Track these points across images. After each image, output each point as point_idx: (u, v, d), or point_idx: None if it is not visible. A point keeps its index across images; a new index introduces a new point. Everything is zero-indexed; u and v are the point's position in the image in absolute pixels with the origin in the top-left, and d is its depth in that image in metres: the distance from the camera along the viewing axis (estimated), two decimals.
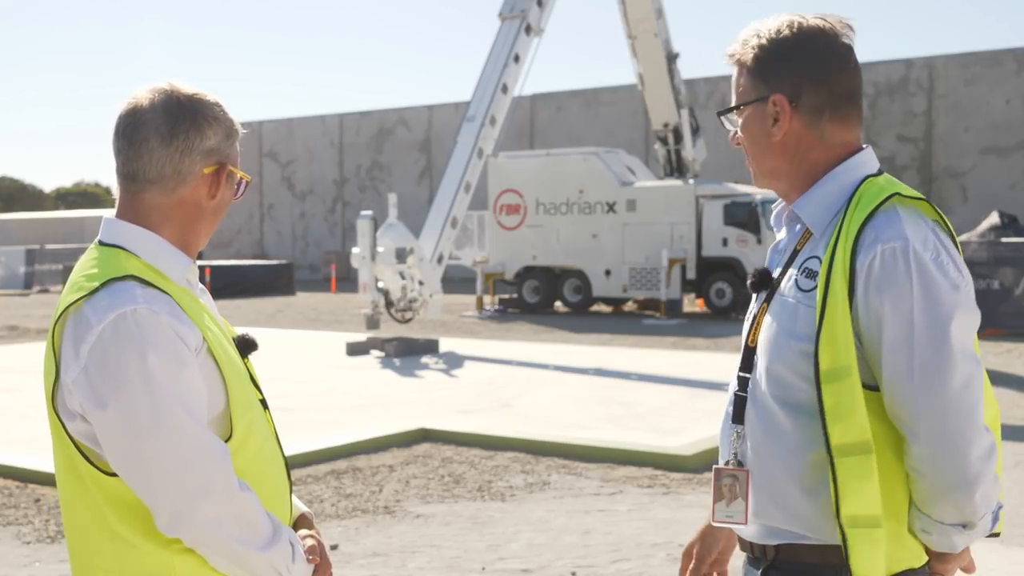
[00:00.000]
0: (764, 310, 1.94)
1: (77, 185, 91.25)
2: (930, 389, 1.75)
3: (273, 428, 1.96)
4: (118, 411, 1.68)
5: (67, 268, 34.55)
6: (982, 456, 1.77)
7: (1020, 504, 6.28)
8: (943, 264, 1.78)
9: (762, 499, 1.90)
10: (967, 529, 1.82)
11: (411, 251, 16.07)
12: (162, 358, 1.69)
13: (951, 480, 1.77)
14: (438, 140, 40.38)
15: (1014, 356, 14.22)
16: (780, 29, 1.90)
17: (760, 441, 1.90)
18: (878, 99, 32.89)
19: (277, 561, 1.77)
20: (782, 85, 1.89)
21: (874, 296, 1.77)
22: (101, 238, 1.85)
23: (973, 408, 1.77)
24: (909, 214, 1.81)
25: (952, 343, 1.75)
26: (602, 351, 15.24)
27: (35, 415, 9.84)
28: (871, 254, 1.77)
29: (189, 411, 1.71)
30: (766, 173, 1.97)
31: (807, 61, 1.88)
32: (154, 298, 1.74)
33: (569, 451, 8.05)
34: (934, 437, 1.76)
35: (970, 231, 18.77)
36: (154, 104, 1.82)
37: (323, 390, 11.59)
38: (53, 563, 5.50)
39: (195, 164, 1.83)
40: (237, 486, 1.73)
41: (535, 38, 18.58)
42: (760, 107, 1.91)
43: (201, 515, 1.69)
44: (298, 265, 40.98)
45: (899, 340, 1.76)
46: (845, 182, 1.89)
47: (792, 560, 1.87)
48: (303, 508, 2.04)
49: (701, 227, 21.98)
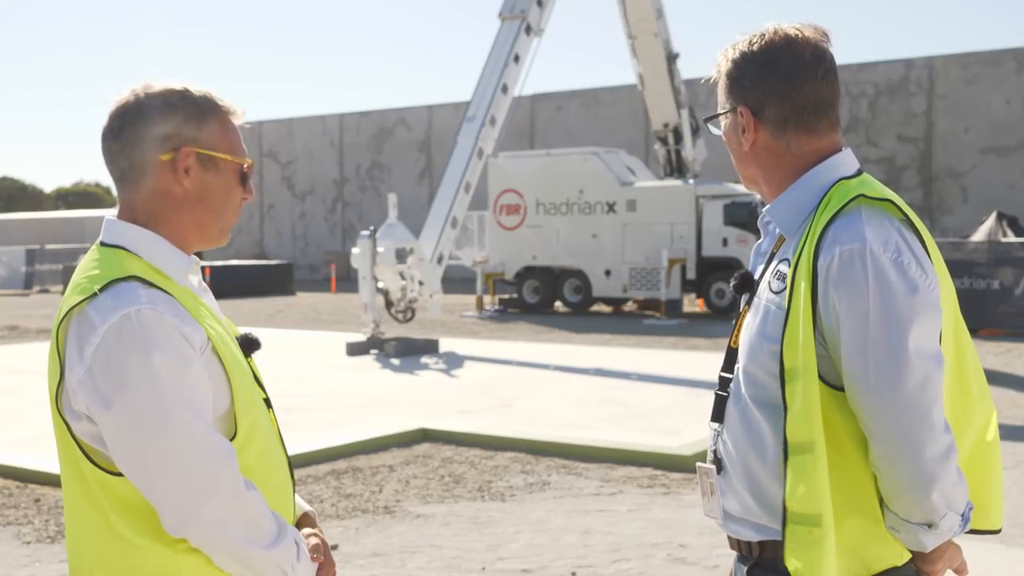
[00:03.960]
0: (745, 312, 1.99)
1: (77, 185, 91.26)
2: (884, 390, 1.77)
3: (277, 427, 1.96)
4: (123, 411, 1.68)
5: (67, 268, 34.56)
6: (937, 456, 1.78)
7: (1020, 504, 6.28)
8: (903, 264, 1.79)
9: (744, 496, 1.94)
10: (932, 529, 1.83)
11: (411, 251, 16.08)
12: (167, 358, 1.69)
13: (908, 480, 1.78)
14: (438, 140, 40.37)
15: (1014, 356, 14.21)
16: (752, 42, 1.95)
17: (740, 439, 1.94)
18: (878, 99, 32.88)
19: (282, 560, 1.77)
20: (747, 97, 1.95)
21: (832, 297, 1.80)
22: (102, 239, 1.85)
23: (928, 409, 1.77)
24: (873, 215, 1.83)
25: (907, 344, 1.77)
26: (602, 351, 15.24)
27: (35, 415, 9.84)
28: (830, 256, 1.80)
29: (194, 411, 1.71)
30: (746, 179, 2.06)
31: (770, 75, 1.93)
32: (157, 298, 1.74)
33: (569, 451, 8.05)
34: (889, 437, 1.78)
35: (970, 231, 18.76)
36: (115, 105, 1.85)
37: (323, 390, 11.58)
38: (53, 563, 5.50)
39: (148, 152, 1.82)
40: (243, 486, 1.73)
41: (535, 38, 18.58)
42: (732, 117, 1.99)
43: (207, 515, 1.69)
44: (298, 265, 40.98)
45: (855, 341, 1.79)
46: (815, 186, 1.93)
47: (776, 557, 1.89)
48: (306, 507, 2.05)
49: (701, 227, 21.98)
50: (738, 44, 1.97)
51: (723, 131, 2.03)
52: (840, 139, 1.98)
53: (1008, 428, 8.74)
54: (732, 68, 1.97)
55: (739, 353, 1.97)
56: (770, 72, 1.93)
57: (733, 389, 1.97)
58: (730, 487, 1.96)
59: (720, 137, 2.06)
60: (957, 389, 1.92)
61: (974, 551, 2.06)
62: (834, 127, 1.96)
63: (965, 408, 1.92)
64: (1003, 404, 10.01)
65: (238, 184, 1.90)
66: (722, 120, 2.02)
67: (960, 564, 1.97)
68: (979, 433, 1.95)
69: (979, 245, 17.16)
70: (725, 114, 2.00)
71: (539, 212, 23.49)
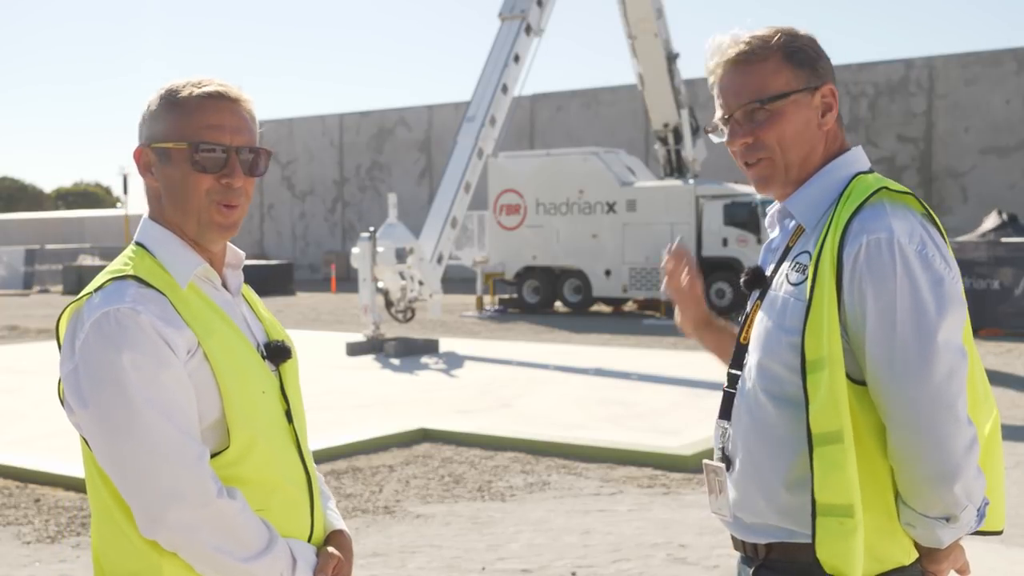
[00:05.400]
0: (757, 307, 1.96)
1: (77, 185, 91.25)
2: (911, 379, 1.76)
3: (296, 440, 1.88)
4: (96, 410, 1.69)
5: (67, 268, 34.56)
6: (961, 448, 1.77)
7: (1020, 504, 6.27)
8: (928, 257, 1.79)
9: (751, 494, 1.91)
10: (950, 523, 1.82)
11: (411, 251, 16.08)
12: (138, 358, 1.68)
13: (931, 471, 1.77)
14: (438, 140, 40.35)
15: (1014, 356, 14.21)
16: (794, 30, 1.96)
17: (749, 436, 1.92)
18: (878, 99, 32.88)
19: (263, 574, 1.72)
20: (828, 77, 1.95)
21: (858, 286, 1.79)
22: (135, 235, 1.89)
23: (954, 400, 1.77)
24: (897, 208, 1.83)
25: (936, 335, 1.76)
26: (602, 351, 15.24)
27: (35, 415, 9.85)
28: (857, 245, 1.79)
29: (164, 413, 1.68)
30: (794, 163, 1.94)
31: (827, 61, 1.96)
32: (144, 298, 1.73)
33: (569, 451, 8.04)
34: (914, 428, 1.77)
35: (970, 231, 18.76)
36: None
37: (323, 390, 11.58)
38: (53, 563, 5.50)
39: (139, 159, 1.87)
40: (213, 492, 1.68)
41: (535, 38, 18.58)
42: (806, 97, 1.93)
43: (173, 519, 1.67)
44: (298, 265, 40.96)
45: (882, 330, 1.78)
46: (835, 179, 1.93)
47: (783, 559, 1.88)
48: (339, 525, 1.97)
49: (701, 227, 21.97)
50: (782, 29, 1.94)
51: (769, 116, 1.90)
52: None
53: (1008, 428, 8.73)
54: (799, 48, 1.93)
55: (750, 348, 1.94)
56: (826, 59, 1.96)
57: (742, 386, 1.94)
58: (738, 485, 1.94)
59: (721, 143, 2.00)
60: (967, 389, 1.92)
61: (974, 551, 2.06)
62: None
63: (972, 408, 1.92)
64: (1003, 404, 10.01)
65: (192, 170, 1.79)
66: (783, 101, 1.90)
67: (963, 564, 1.97)
68: (984, 434, 1.95)
69: (979, 245, 17.16)
70: (800, 92, 1.91)
71: (539, 212, 23.49)
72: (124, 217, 46.72)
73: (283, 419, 1.86)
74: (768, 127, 1.92)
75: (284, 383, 1.90)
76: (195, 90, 1.81)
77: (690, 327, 2.31)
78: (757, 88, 1.92)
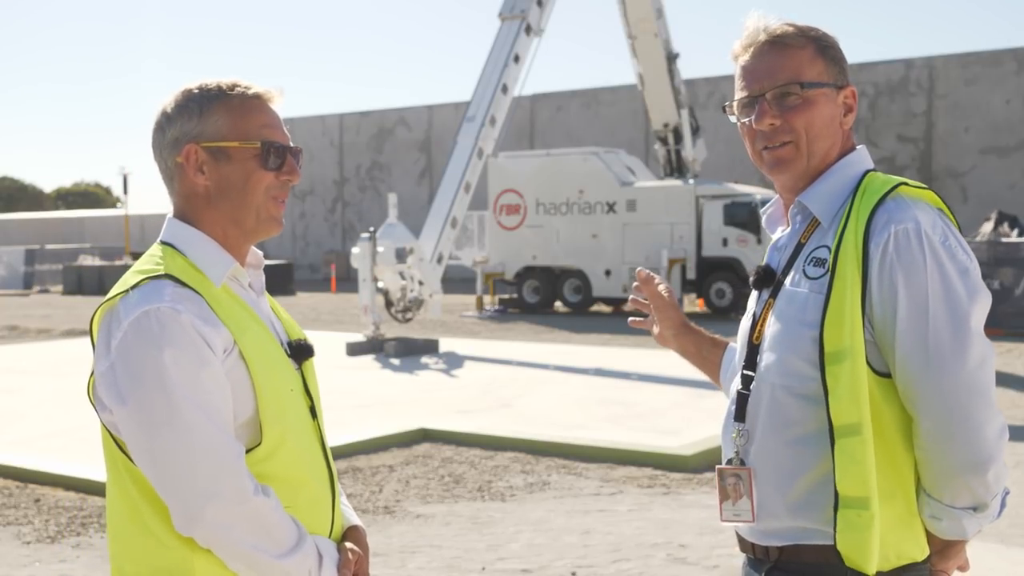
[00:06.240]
0: (769, 306, 1.94)
1: (77, 185, 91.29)
2: (946, 367, 1.76)
3: (320, 437, 1.93)
4: (136, 407, 1.69)
5: (67, 268, 34.59)
6: (995, 435, 1.79)
7: (1020, 504, 6.27)
8: (951, 248, 1.81)
9: (769, 495, 1.90)
10: (978, 512, 1.83)
11: (411, 251, 16.08)
12: (179, 356, 1.70)
13: (966, 459, 1.78)
14: (438, 140, 40.38)
15: (1014, 356, 14.22)
16: (811, 28, 1.98)
17: (766, 436, 1.90)
18: (878, 99, 32.89)
19: (295, 571, 1.75)
20: (849, 80, 2.00)
21: (888, 276, 1.79)
22: (160, 236, 1.89)
23: (988, 387, 1.79)
24: (917, 201, 1.85)
25: (969, 322, 1.78)
26: (602, 351, 15.24)
27: (35, 415, 9.85)
28: (885, 235, 1.80)
29: (205, 411, 1.70)
30: (816, 154, 1.94)
31: (846, 63, 2.01)
32: (182, 298, 1.74)
33: (569, 451, 8.04)
34: (947, 417, 1.77)
35: (970, 231, 18.76)
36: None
37: (323, 390, 11.43)
38: (53, 563, 5.50)
39: (168, 158, 1.87)
40: (250, 491, 1.71)
41: (535, 38, 18.59)
42: (833, 93, 1.95)
43: (210, 517, 1.69)
44: (298, 265, 40.99)
45: (914, 318, 1.78)
46: (850, 174, 1.94)
47: (795, 560, 1.86)
48: (355, 521, 2.00)
49: (701, 227, 21.99)
50: (813, 26, 1.97)
51: (802, 102, 1.91)
52: None
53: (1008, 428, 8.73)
54: (829, 45, 1.96)
55: (764, 348, 1.92)
56: (847, 63, 2.01)
57: (757, 386, 1.92)
58: (754, 489, 1.91)
59: (733, 128, 2.04)
60: None
61: (974, 551, 2.06)
62: None
63: None
64: (1003, 404, 10.01)
65: (259, 167, 1.85)
66: (815, 92, 1.92)
67: (964, 562, 1.97)
68: None
69: (979, 245, 17.16)
70: (830, 87, 1.94)
71: (539, 212, 23.50)
72: (124, 217, 46.72)
73: (308, 416, 1.91)
74: (799, 112, 1.92)
75: (306, 380, 1.94)
76: (246, 91, 1.87)
77: (670, 332, 2.32)
78: (795, 71, 1.92)
